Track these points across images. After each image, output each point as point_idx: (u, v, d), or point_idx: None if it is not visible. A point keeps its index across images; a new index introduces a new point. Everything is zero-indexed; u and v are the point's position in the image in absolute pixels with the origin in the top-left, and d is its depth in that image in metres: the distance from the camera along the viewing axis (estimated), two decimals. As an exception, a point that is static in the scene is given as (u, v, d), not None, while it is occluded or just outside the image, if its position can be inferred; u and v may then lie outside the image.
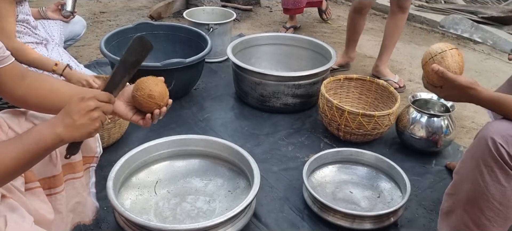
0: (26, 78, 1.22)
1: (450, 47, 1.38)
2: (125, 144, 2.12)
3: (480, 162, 1.24)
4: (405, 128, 2.14)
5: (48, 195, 1.29)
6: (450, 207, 1.35)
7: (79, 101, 1.04)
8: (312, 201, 1.76)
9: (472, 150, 1.30)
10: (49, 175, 1.29)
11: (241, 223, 1.61)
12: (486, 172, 1.24)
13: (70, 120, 1.02)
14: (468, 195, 1.28)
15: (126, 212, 1.50)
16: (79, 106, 1.03)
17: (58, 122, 1.03)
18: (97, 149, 1.45)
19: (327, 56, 2.58)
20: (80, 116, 1.03)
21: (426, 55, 1.41)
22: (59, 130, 1.01)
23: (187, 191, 1.82)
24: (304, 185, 1.78)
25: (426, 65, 1.40)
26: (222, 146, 1.89)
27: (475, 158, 1.27)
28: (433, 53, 1.39)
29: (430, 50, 1.41)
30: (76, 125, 1.03)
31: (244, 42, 2.74)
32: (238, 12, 3.95)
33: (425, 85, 1.45)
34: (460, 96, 1.35)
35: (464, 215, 1.30)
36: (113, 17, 3.89)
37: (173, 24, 2.88)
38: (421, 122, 2.10)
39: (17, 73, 1.21)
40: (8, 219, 1.03)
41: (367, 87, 2.42)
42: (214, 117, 2.43)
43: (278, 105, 2.43)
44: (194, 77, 2.55)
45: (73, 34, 2.62)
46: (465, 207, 1.29)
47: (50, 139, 1.01)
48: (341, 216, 1.67)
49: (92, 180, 1.49)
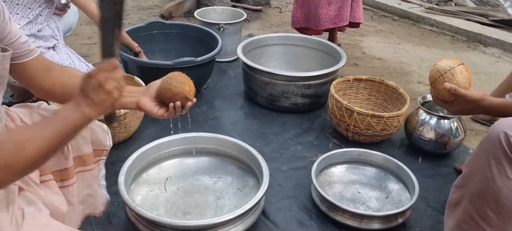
0: (52, 71, 1.25)
1: (457, 63, 1.42)
2: (136, 141, 2.14)
3: (490, 154, 1.26)
4: (414, 129, 2.14)
5: (60, 187, 1.32)
6: (457, 199, 1.36)
7: (88, 79, 1.04)
8: (321, 200, 1.78)
9: (483, 143, 1.31)
10: (61, 167, 1.32)
11: (250, 220, 1.63)
12: (495, 164, 1.25)
13: (89, 99, 1.03)
14: (475, 187, 1.29)
15: (137, 207, 1.52)
16: (91, 84, 1.04)
17: (80, 102, 1.04)
18: (107, 142, 1.47)
19: (336, 57, 2.59)
20: (96, 93, 1.03)
21: (434, 73, 1.43)
22: (84, 109, 1.03)
23: (196, 188, 1.84)
24: (312, 184, 1.79)
25: (436, 83, 1.43)
26: (232, 144, 1.91)
27: (485, 150, 1.28)
28: (442, 70, 1.41)
29: (438, 68, 1.43)
30: (96, 102, 1.03)
31: (254, 42, 2.76)
32: (248, 13, 3.97)
33: (435, 101, 1.48)
34: (474, 109, 1.38)
35: (469, 207, 1.31)
36: (125, 16, 3.92)
37: (184, 24, 2.91)
38: (431, 123, 2.11)
39: (43, 66, 1.24)
40: (25, 213, 1.05)
41: (377, 88, 2.43)
42: (224, 116, 2.45)
43: (287, 105, 2.45)
44: (204, 76, 2.58)
45: (68, 26, 2.58)
46: (472, 198, 1.30)
47: (79, 119, 1.02)
48: (349, 215, 1.69)
49: (102, 172, 1.51)
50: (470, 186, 1.32)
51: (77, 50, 2.88)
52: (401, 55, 3.42)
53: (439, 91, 1.42)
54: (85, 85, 1.04)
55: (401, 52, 3.49)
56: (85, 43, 3.27)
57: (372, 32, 3.93)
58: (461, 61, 1.46)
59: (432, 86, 1.45)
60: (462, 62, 1.45)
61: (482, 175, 1.27)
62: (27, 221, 1.03)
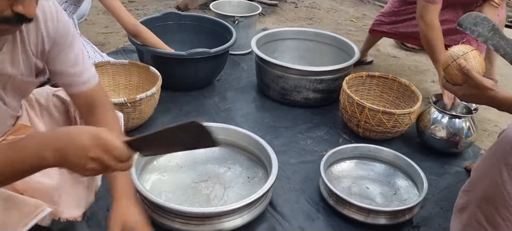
0: (93, 116, 1.23)
1: (470, 49, 1.43)
2: (150, 128, 2.17)
3: (501, 160, 1.24)
4: (426, 127, 2.14)
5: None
6: (464, 204, 1.35)
7: (90, 140, 0.87)
8: (328, 193, 1.78)
9: (493, 148, 1.30)
10: None
11: (257, 210, 1.65)
12: (506, 171, 1.23)
13: (63, 151, 0.87)
14: (484, 192, 1.28)
15: (147, 192, 1.55)
16: (86, 145, 0.86)
17: (52, 143, 0.89)
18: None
19: (350, 53, 2.59)
20: (78, 155, 0.87)
21: (447, 58, 1.44)
22: (47, 154, 0.88)
23: (206, 177, 1.87)
24: (321, 177, 1.80)
25: (449, 68, 1.43)
26: (242, 135, 1.93)
27: (495, 156, 1.27)
28: (455, 55, 1.42)
29: (451, 53, 1.44)
30: (69, 159, 0.88)
31: (268, 36, 2.77)
32: (263, 7, 3.98)
33: (444, 84, 1.47)
34: (479, 96, 1.36)
35: (477, 212, 1.30)
36: (141, 7, 3.96)
37: (199, 15, 2.93)
38: (442, 122, 2.09)
39: (86, 104, 1.23)
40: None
41: (389, 85, 2.42)
42: (235, 108, 2.47)
43: (299, 99, 2.46)
44: (217, 68, 2.60)
45: (82, 13, 2.57)
46: (480, 204, 1.29)
47: (36, 160, 0.89)
48: (356, 209, 1.69)
49: None
50: (478, 191, 1.31)
51: (93, 39, 2.93)
52: (416, 54, 3.39)
53: (452, 77, 1.42)
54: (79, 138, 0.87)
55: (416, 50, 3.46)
56: (101, 32, 3.32)
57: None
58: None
59: (445, 71, 1.45)
60: (476, 48, 1.45)
61: (492, 181, 1.26)
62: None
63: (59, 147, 0.88)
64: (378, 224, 1.69)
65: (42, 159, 0.88)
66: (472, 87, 1.36)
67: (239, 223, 1.59)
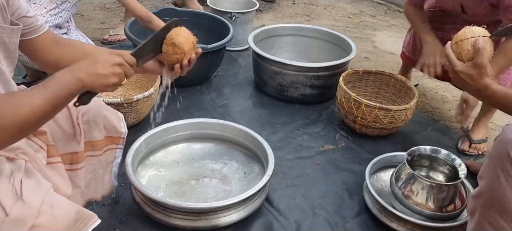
0: (59, 45, 1.27)
1: (489, 35, 1.39)
2: (146, 126, 2.16)
3: (497, 165, 1.23)
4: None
5: (68, 170, 1.32)
6: (472, 209, 1.35)
7: (108, 53, 1.11)
8: (373, 202, 1.75)
9: (491, 153, 1.29)
10: (71, 151, 1.34)
11: (253, 205, 1.65)
12: (503, 176, 1.22)
13: (93, 68, 1.06)
14: (486, 199, 1.28)
15: (143, 188, 1.55)
16: (107, 57, 1.09)
17: (82, 67, 1.06)
18: (123, 130, 1.47)
19: (347, 50, 2.59)
20: (104, 67, 1.07)
21: (468, 33, 1.39)
22: (81, 75, 1.04)
23: (202, 173, 1.87)
24: (366, 185, 1.76)
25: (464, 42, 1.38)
26: (238, 131, 1.93)
27: (493, 162, 1.26)
28: (477, 33, 1.37)
29: (473, 30, 1.39)
30: (98, 73, 1.06)
31: (266, 32, 2.77)
32: (261, 3, 3.97)
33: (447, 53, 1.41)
34: (474, 80, 1.34)
35: (481, 218, 1.30)
36: (139, 2, 3.95)
37: (196, 11, 2.93)
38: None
39: (51, 40, 1.26)
40: (24, 184, 1.04)
41: (386, 82, 2.43)
42: (232, 104, 2.47)
43: (296, 96, 2.46)
44: (215, 64, 2.59)
45: None
46: (483, 209, 1.29)
47: (73, 83, 1.04)
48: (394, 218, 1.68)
49: (117, 160, 1.51)
50: (482, 197, 1.31)
51: (89, 34, 2.92)
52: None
53: (462, 51, 1.38)
54: (100, 55, 1.09)
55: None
56: (98, 28, 3.31)
57: (385, 27, 3.91)
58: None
59: (458, 43, 1.40)
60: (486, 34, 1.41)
61: (491, 186, 1.26)
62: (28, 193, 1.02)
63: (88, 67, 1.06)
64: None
65: (78, 80, 1.04)
66: (474, 67, 1.34)
67: (235, 219, 1.60)
